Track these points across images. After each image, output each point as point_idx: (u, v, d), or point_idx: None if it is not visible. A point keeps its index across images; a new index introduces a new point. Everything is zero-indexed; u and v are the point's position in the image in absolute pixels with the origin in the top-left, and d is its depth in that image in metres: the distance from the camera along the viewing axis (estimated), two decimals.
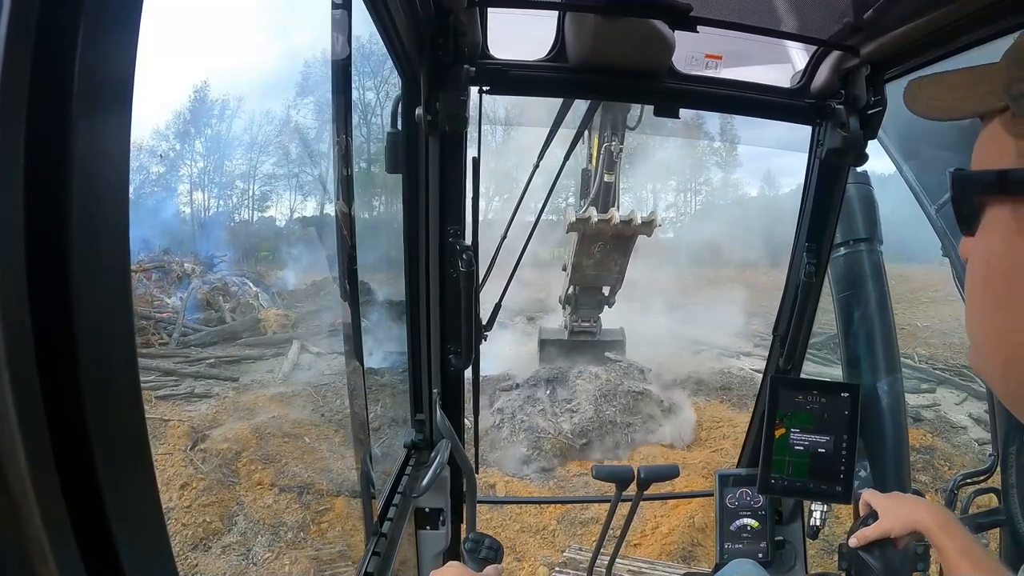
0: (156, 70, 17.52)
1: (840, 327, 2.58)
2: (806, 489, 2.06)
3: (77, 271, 0.38)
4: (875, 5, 1.47)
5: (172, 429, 8.53)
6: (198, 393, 9.74)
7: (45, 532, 0.35)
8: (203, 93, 17.97)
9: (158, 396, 9.53)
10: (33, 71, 0.35)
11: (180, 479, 7.51)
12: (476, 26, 1.61)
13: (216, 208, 19.18)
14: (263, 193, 18.68)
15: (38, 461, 0.35)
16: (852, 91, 1.79)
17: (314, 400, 6.10)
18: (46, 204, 0.36)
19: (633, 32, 1.59)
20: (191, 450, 8.09)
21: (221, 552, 6.65)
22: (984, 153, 0.51)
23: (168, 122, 18.16)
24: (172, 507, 7.03)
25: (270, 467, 7.75)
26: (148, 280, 12.82)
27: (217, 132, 18.42)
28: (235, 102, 17.85)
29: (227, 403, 9.44)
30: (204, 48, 21.33)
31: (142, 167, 17.62)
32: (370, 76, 16.78)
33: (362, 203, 12.25)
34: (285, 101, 7.39)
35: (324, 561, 6.42)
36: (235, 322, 12.26)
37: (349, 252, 1.43)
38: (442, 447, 1.85)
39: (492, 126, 16.64)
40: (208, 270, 13.72)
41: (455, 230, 1.79)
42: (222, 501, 7.25)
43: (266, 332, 11.71)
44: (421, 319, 1.87)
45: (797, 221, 2.14)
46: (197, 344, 11.37)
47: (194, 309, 12.33)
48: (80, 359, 0.38)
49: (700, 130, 9.06)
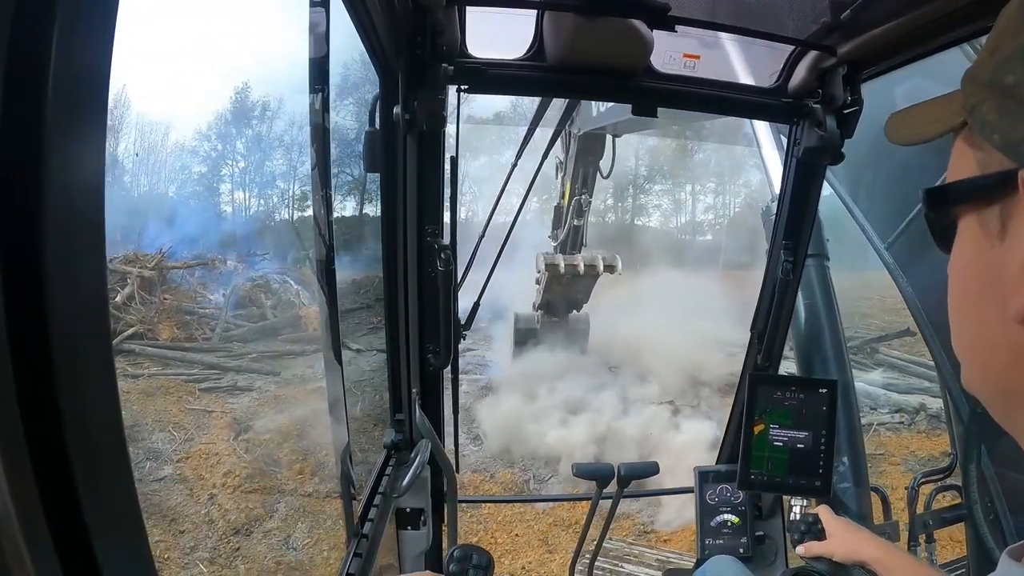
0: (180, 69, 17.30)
1: (794, 334, 2.74)
2: (785, 484, 2.08)
3: (52, 271, 0.37)
4: (852, 5, 1.49)
5: (215, 420, 8.73)
6: (240, 386, 9.84)
7: (21, 532, 0.35)
8: (244, 94, 17.74)
9: (202, 388, 9.61)
10: (7, 70, 0.34)
11: (223, 467, 7.73)
12: (454, 25, 1.61)
13: (257, 207, 18.95)
14: (303, 193, 18.47)
15: (13, 461, 0.35)
16: (829, 90, 1.81)
17: (352, 395, 6.13)
18: (21, 204, 0.36)
19: (611, 31, 1.59)
20: (234, 440, 8.28)
21: (262, 537, 6.84)
22: (952, 169, 0.54)
23: (210, 123, 17.88)
24: (215, 493, 7.30)
25: (311, 458, 7.87)
26: (191, 277, 12.80)
27: (257, 132, 18.20)
28: (275, 103, 17.66)
29: (268, 396, 9.56)
30: (230, 48, 20.87)
31: (184, 167, 17.39)
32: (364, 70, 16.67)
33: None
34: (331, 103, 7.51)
35: None
36: (276, 318, 12.29)
37: (327, 251, 1.42)
38: (422, 447, 1.84)
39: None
40: (250, 267, 13.63)
41: (433, 229, 1.78)
42: (264, 489, 7.46)
43: (307, 329, 11.67)
44: (399, 318, 1.87)
45: (774, 220, 2.16)
46: (239, 339, 11.44)
47: (236, 305, 12.37)
48: (55, 359, 0.38)
49: (739, 133, 9.14)
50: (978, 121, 0.49)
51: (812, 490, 2.05)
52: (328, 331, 1.50)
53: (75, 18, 0.38)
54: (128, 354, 10.02)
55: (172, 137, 16.84)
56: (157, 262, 12.28)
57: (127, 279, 11.46)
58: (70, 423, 0.39)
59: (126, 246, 12.40)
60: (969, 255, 0.52)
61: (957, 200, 0.52)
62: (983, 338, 0.52)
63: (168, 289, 12.05)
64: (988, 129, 0.48)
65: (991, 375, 0.53)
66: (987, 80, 0.49)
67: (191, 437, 8.34)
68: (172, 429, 8.43)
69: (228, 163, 17.99)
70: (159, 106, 16.06)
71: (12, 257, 0.35)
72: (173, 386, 9.56)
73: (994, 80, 0.48)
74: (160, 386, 9.51)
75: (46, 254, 0.37)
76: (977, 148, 0.50)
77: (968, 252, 0.52)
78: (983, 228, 0.49)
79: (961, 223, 0.53)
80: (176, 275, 12.44)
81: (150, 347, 10.48)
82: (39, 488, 0.37)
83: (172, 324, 11.12)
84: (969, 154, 0.51)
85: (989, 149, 0.48)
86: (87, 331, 0.42)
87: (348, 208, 12.08)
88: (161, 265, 12.31)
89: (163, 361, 10.32)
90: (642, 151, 25.14)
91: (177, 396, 9.31)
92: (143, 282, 11.65)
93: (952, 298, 0.56)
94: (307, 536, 6.83)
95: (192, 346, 10.91)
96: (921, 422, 9.48)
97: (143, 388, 9.26)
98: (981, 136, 0.49)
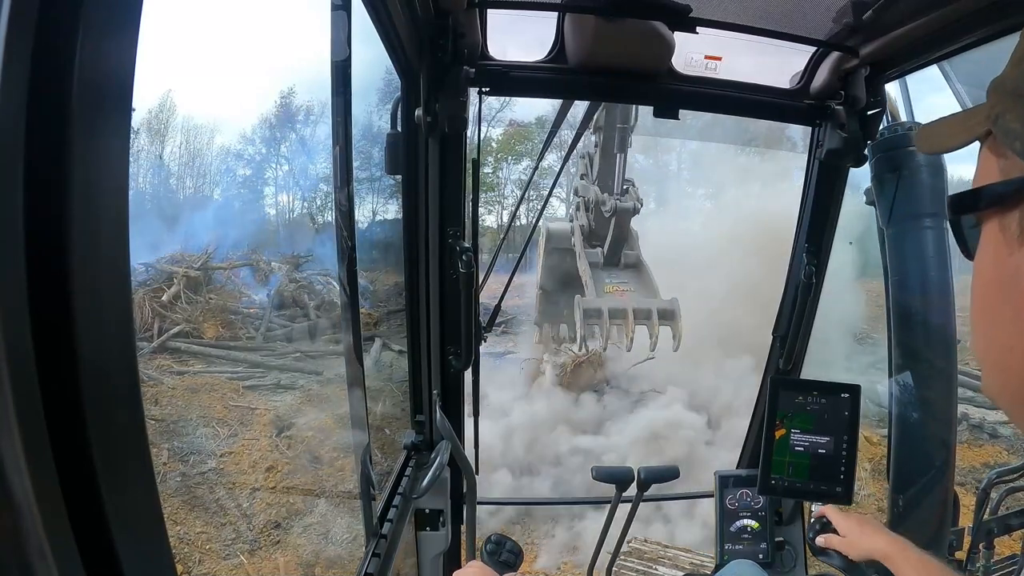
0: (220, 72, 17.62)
1: (891, 314, 2.43)
2: (806, 490, 2.06)
3: (77, 272, 0.38)
4: (874, 6, 1.47)
5: (259, 417, 8.83)
6: (283, 384, 9.95)
7: (45, 533, 0.35)
8: (289, 97, 18.07)
9: (246, 386, 9.69)
10: (33, 71, 0.35)
11: (266, 462, 7.84)
12: (476, 27, 1.61)
13: (300, 210, 19.21)
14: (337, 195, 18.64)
15: (38, 462, 0.35)
16: (851, 92, 1.79)
17: (393, 395, 6.25)
18: (46, 205, 0.36)
19: (632, 33, 1.59)
20: (277, 436, 8.39)
21: (302, 531, 6.96)
22: (977, 176, 0.55)
23: (255, 125, 18.25)
24: (258, 488, 7.41)
25: (351, 455, 7.87)
26: (236, 278, 12.91)
27: (302, 136, 18.47)
28: (319, 106, 17.98)
29: (311, 395, 9.66)
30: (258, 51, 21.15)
31: (229, 170, 17.73)
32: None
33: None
34: (366, 105, 7.39)
35: None
36: (319, 319, 12.32)
37: (349, 253, 1.43)
38: (442, 448, 1.84)
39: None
40: (294, 269, 13.85)
41: (455, 231, 1.79)
42: (305, 485, 7.56)
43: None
44: (421, 320, 1.87)
45: (797, 222, 2.14)
46: (283, 339, 11.55)
47: (280, 306, 12.46)
48: (80, 360, 0.38)
49: (783, 138, 9.03)
50: (1001, 129, 0.50)
51: (833, 496, 2.02)
52: (349, 332, 1.52)
53: (100, 19, 0.38)
54: (174, 352, 10.12)
55: (216, 141, 17.12)
56: (203, 262, 12.47)
57: (173, 279, 11.57)
58: (93, 422, 0.39)
59: (172, 246, 12.60)
60: (990, 260, 0.53)
61: (979, 206, 0.53)
62: (999, 341, 0.53)
63: (213, 289, 12.22)
64: (1011, 137, 0.49)
65: (1009, 380, 0.53)
66: (1011, 89, 0.50)
67: (235, 433, 8.46)
68: (216, 425, 8.56)
69: (271, 166, 18.24)
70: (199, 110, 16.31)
71: (37, 256, 0.35)
72: (218, 383, 9.68)
73: (1018, 89, 0.49)
74: (205, 383, 9.62)
75: (71, 253, 0.37)
76: (1001, 156, 0.51)
77: (989, 257, 0.53)
78: (1003, 234, 0.50)
79: (984, 229, 0.53)
80: (221, 275, 12.61)
81: (195, 345, 10.59)
82: (62, 487, 0.37)
83: (217, 323, 11.25)
84: (993, 162, 0.52)
85: (1012, 156, 0.49)
86: (111, 329, 0.42)
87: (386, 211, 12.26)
88: (206, 265, 12.48)
89: (207, 359, 10.42)
90: None
91: (221, 393, 9.44)
92: (189, 281, 11.81)
93: (973, 303, 0.56)
94: (346, 531, 6.90)
95: (236, 344, 11.06)
96: (963, 432, 9.21)
97: (188, 384, 9.36)
98: (1004, 143, 0.50)
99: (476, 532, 2.04)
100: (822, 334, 2.20)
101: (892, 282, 2.42)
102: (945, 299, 2.34)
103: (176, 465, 7.33)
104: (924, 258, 2.33)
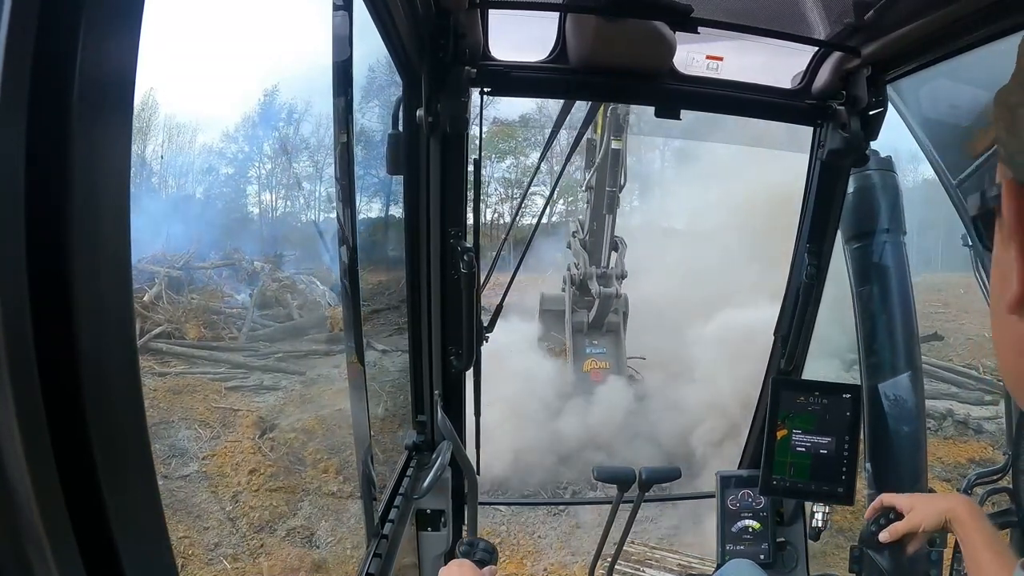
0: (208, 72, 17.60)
1: (859, 322, 2.55)
2: (808, 490, 2.06)
3: (78, 271, 0.38)
4: (876, 6, 1.47)
5: (242, 418, 8.77)
6: (266, 385, 9.92)
7: (45, 532, 0.35)
8: (272, 96, 18.02)
9: (228, 387, 9.67)
10: (33, 72, 0.35)
11: (249, 465, 7.78)
12: (477, 27, 1.61)
13: (283, 209, 19.12)
14: (329, 194, 18.48)
15: (38, 461, 0.35)
16: (853, 92, 1.79)
17: (377, 395, 6.24)
18: (48, 205, 0.36)
19: (634, 33, 1.59)
20: (260, 438, 8.32)
21: (285, 535, 6.90)
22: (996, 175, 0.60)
23: (237, 124, 18.20)
24: (241, 490, 7.33)
25: (335, 457, 7.92)
26: (218, 277, 12.86)
27: (284, 134, 18.40)
28: (303, 105, 17.91)
29: (294, 395, 9.63)
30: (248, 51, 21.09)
31: (211, 168, 17.69)
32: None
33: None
34: (367, 105, 7.35)
35: None
36: (302, 319, 12.28)
37: (350, 253, 1.43)
38: (443, 448, 1.84)
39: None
40: (276, 268, 13.82)
41: (456, 231, 1.79)
42: (289, 487, 7.51)
43: (332, 329, 11.79)
44: (422, 320, 1.87)
45: (798, 222, 2.14)
46: (265, 339, 11.47)
47: (262, 305, 12.38)
48: (80, 359, 0.38)
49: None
50: (996, 136, 0.55)
51: (835, 497, 2.02)
52: (351, 332, 1.52)
53: (101, 18, 0.38)
54: (155, 352, 10.06)
55: (199, 140, 17.06)
56: (185, 262, 12.44)
57: (155, 279, 11.56)
58: (94, 422, 0.39)
59: (153, 246, 12.59)
60: (995, 257, 0.58)
61: (987, 207, 0.58)
62: (995, 331, 0.59)
63: (195, 289, 12.21)
64: (999, 142, 0.54)
65: (1007, 367, 0.59)
66: (1002, 99, 0.54)
67: (217, 435, 8.42)
68: (198, 427, 8.52)
69: (255, 165, 18.17)
70: (184, 108, 16.24)
71: (38, 255, 0.35)
72: (200, 384, 9.67)
73: (1004, 99, 0.54)
74: (187, 384, 9.61)
75: (72, 252, 0.37)
76: (1000, 161, 0.56)
77: (995, 255, 0.58)
78: (1000, 232, 0.56)
79: (997, 223, 0.58)
80: (203, 275, 12.59)
81: (177, 346, 10.58)
82: (63, 487, 0.37)
83: (199, 323, 11.23)
84: (999, 166, 0.57)
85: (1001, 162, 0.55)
86: (112, 329, 0.42)
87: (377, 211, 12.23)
88: (189, 265, 12.46)
89: (189, 360, 10.40)
90: None
91: (204, 395, 9.42)
92: (171, 282, 11.79)
93: (991, 294, 0.61)
94: (330, 535, 6.87)
95: (219, 345, 11.02)
96: (948, 428, 9.33)
97: (170, 386, 9.34)
98: (999, 149, 0.55)
99: (477, 532, 2.04)
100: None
101: (856, 293, 2.56)
102: (907, 307, 2.52)
103: (159, 468, 7.31)
104: (884, 270, 2.52)
